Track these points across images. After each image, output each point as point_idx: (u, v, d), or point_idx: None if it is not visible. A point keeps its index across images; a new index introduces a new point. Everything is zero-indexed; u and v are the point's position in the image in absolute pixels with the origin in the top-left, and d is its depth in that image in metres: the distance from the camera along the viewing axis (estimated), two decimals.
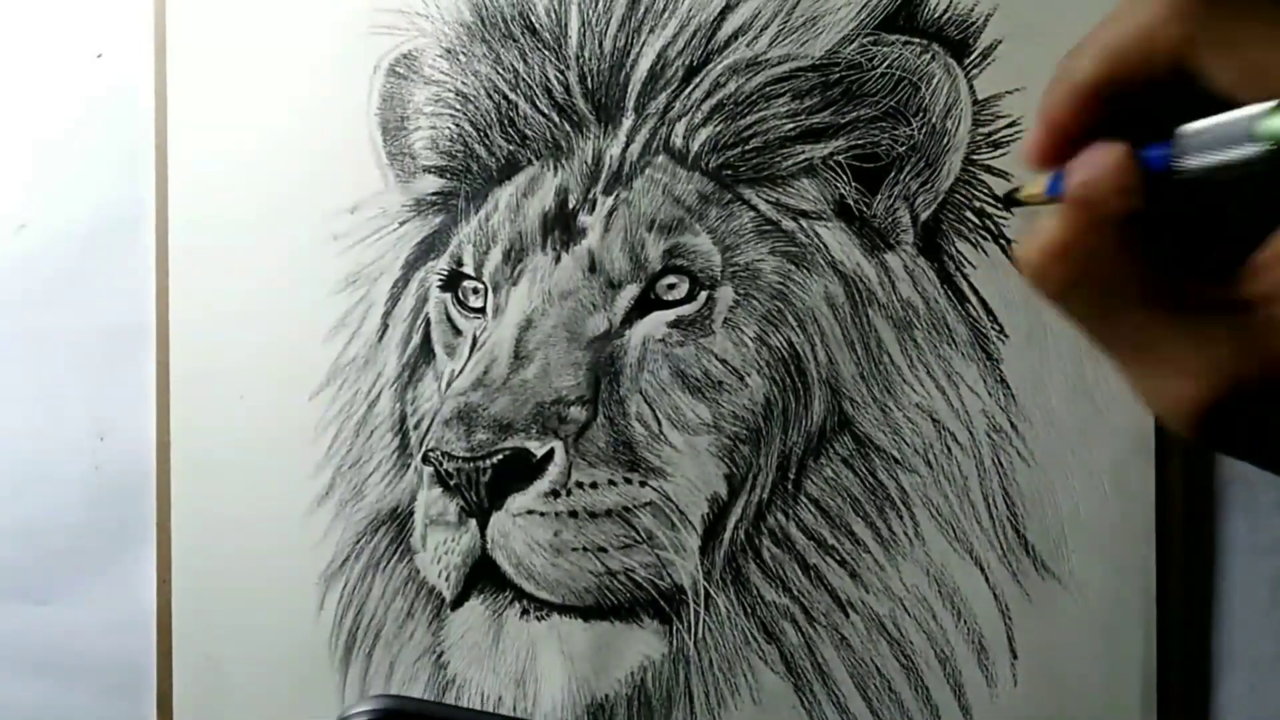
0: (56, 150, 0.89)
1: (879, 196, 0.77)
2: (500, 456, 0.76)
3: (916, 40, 0.76)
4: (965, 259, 0.76)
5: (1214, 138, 0.29)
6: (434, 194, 0.82)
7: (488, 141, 0.81)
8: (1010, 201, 0.35)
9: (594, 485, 0.76)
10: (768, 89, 0.77)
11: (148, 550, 0.86)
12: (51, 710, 0.88)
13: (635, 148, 0.79)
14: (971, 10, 0.76)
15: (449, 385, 0.80)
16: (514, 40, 0.80)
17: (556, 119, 0.80)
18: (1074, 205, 0.30)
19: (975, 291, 0.76)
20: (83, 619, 0.88)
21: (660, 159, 0.78)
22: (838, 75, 0.77)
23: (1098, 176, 0.30)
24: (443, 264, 0.82)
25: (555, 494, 0.76)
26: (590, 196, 0.79)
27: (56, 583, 0.88)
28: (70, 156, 0.89)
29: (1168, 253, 0.31)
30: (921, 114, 0.76)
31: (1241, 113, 0.29)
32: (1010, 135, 0.76)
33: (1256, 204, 0.30)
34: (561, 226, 0.79)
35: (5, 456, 0.89)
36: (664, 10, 0.78)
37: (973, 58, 0.76)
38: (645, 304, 0.78)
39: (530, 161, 0.80)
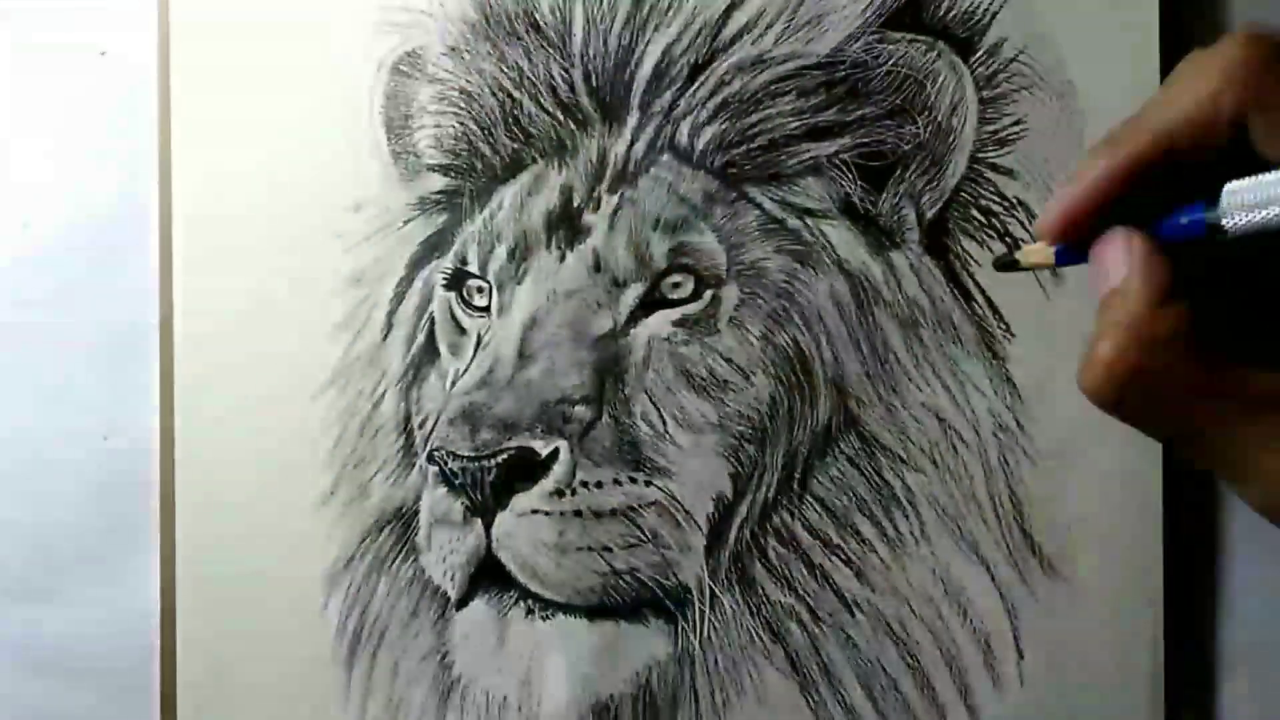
0: (61, 147, 0.88)
1: (885, 195, 0.77)
2: (505, 456, 0.75)
3: (922, 38, 0.76)
4: (971, 257, 0.76)
5: (1263, 196, 0.29)
6: (438, 192, 0.82)
7: (492, 140, 0.81)
8: (1006, 267, 0.35)
9: (599, 485, 0.76)
10: (773, 87, 0.77)
11: (151, 550, 0.85)
12: (53, 710, 0.88)
13: (640, 146, 0.78)
14: (977, 8, 0.76)
15: (453, 384, 0.79)
16: (518, 38, 0.80)
17: (561, 117, 0.79)
18: (1122, 329, 0.30)
19: (981, 290, 0.76)
20: (86, 618, 0.88)
21: (665, 157, 0.78)
22: (843, 73, 0.76)
23: (1131, 282, 0.30)
24: (447, 263, 0.81)
25: (560, 493, 0.76)
26: (595, 195, 0.79)
27: (61, 582, 0.88)
28: (75, 154, 0.88)
29: (1232, 338, 0.31)
30: (927, 112, 0.76)
31: None
32: (1016, 133, 0.76)
33: None
34: (566, 225, 0.79)
35: (10, 455, 0.89)
36: (669, 8, 0.78)
37: (978, 55, 0.76)
38: (650, 303, 0.78)
39: (534, 160, 0.80)
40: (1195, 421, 0.30)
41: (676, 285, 0.77)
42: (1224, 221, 0.30)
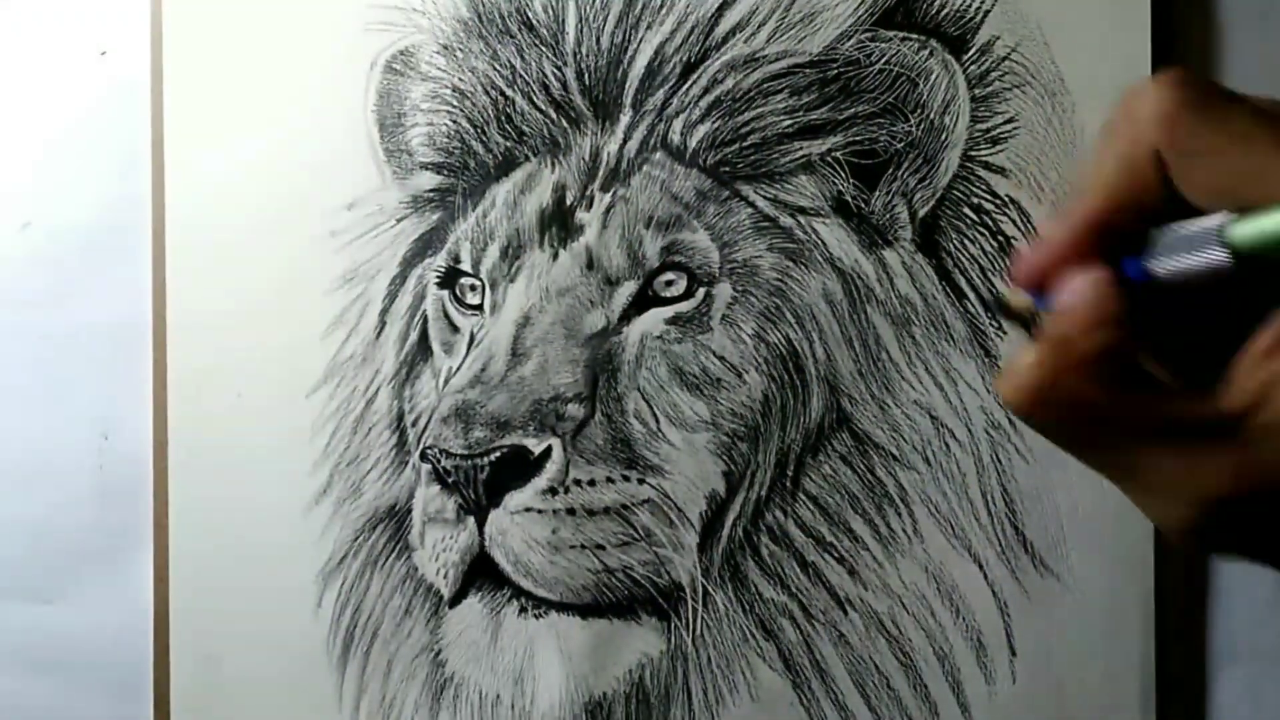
0: (62, 147, 0.88)
1: (877, 193, 0.77)
2: (498, 454, 0.75)
3: (914, 36, 0.76)
4: (964, 255, 0.76)
5: (1183, 241, 0.30)
6: (431, 191, 0.82)
7: (485, 138, 0.81)
8: (1001, 309, 0.35)
9: (592, 483, 0.76)
10: (765, 85, 0.77)
11: (148, 549, 0.85)
12: (49, 709, 0.88)
13: (633, 144, 0.78)
14: (969, 6, 0.76)
15: (446, 382, 0.80)
16: (511, 36, 0.80)
17: (554, 115, 0.79)
18: (1050, 343, 0.30)
19: (973, 288, 0.76)
20: (85, 618, 0.88)
21: (658, 155, 0.78)
22: (835, 71, 0.76)
23: (1077, 306, 0.30)
24: (440, 261, 0.81)
25: (553, 491, 0.76)
26: (588, 193, 0.79)
27: (61, 582, 0.88)
28: (75, 153, 0.88)
29: (1154, 355, 0.31)
30: (919, 110, 0.76)
31: (1209, 219, 0.29)
32: (1008, 131, 0.76)
33: (1230, 311, 0.30)
34: (559, 223, 0.79)
35: (10, 455, 0.89)
36: (661, 6, 0.78)
37: (971, 53, 0.76)
38: (643, 301, 0.78)
39: (528, 158, 0.80)
40: (1098, 440, 0.31)
41: (669, 283, 0.77)
42: (1151, 266, 0.31)
